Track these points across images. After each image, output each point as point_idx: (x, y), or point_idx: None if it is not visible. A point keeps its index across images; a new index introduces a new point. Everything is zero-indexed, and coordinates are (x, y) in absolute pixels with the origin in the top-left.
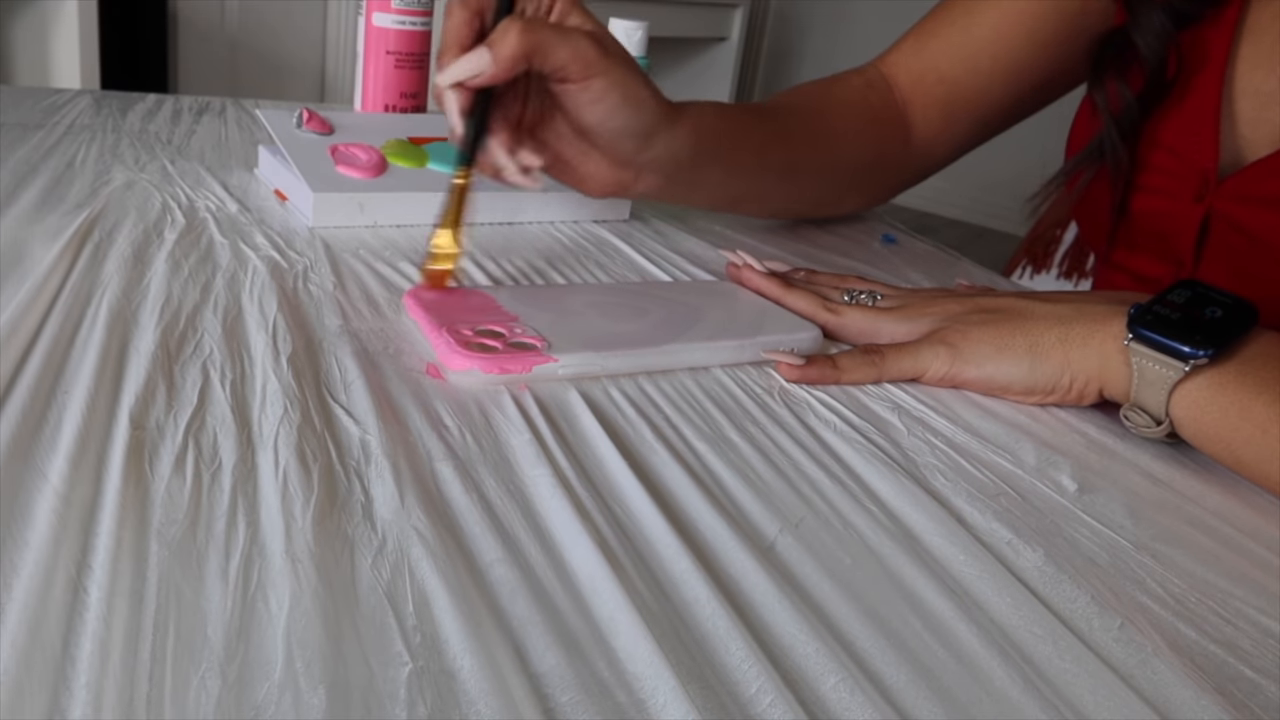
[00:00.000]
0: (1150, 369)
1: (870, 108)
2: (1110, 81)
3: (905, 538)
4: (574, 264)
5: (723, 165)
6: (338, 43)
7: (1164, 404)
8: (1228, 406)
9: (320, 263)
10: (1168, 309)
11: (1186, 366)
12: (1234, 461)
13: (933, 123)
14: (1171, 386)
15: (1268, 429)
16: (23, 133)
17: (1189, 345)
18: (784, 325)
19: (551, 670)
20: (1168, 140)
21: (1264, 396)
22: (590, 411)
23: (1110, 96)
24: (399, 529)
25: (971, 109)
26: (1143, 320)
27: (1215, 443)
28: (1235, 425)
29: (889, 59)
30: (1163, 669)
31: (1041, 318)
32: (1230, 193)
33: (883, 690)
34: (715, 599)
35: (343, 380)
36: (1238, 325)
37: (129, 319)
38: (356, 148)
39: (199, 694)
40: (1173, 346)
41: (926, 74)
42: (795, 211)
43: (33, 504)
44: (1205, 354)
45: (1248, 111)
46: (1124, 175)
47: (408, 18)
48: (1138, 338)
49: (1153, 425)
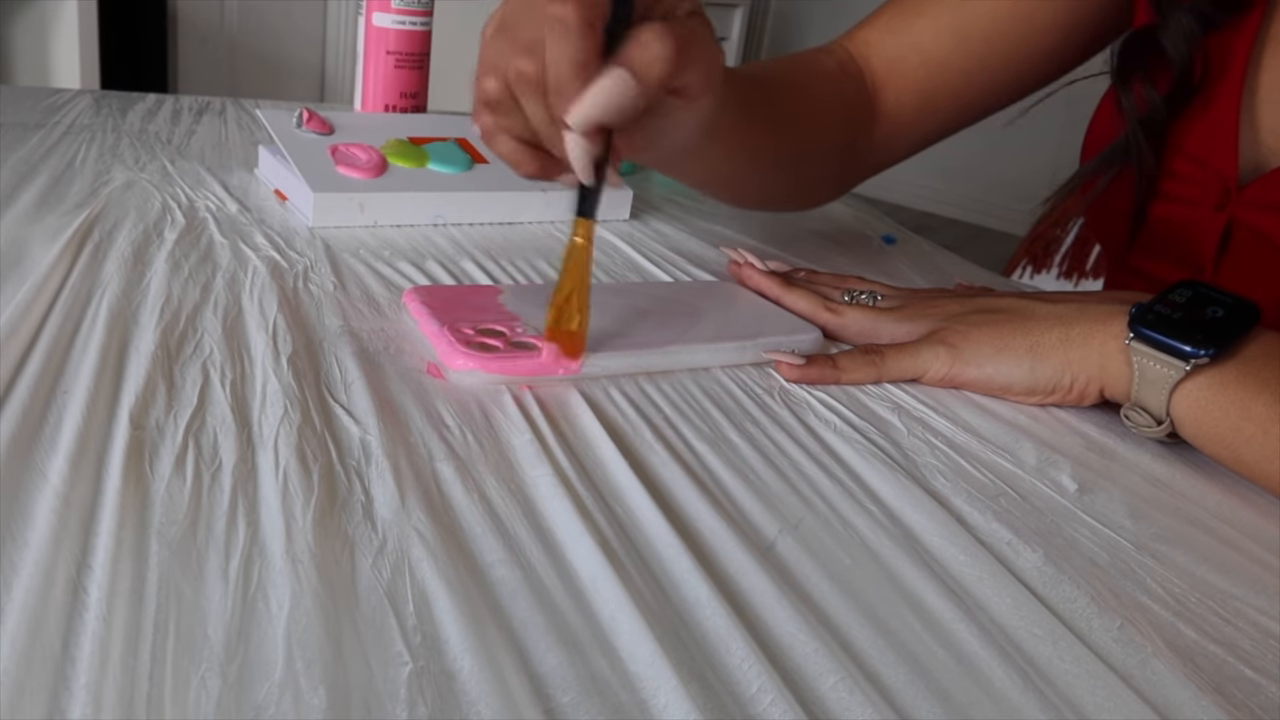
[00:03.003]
0: (1151, 368)
1: (843, 93)
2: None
3: (905, 538)
4: None
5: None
6: (338, 43)
7: (1165, 403)
8: (1229, 406)
9: (320, 263)
10: (1169, 308)
11: (1188, 366)
12: (1235, 461)
13: (905, 111)
14: (1173, 386)
15: (1268, 428)
16: (23, 132)
17: (1190, 344)
18: (784, 326)
19: (553, 671)
20: (1189, 147)
21: (1264, 396)
22: (591, 412)
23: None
24: (399, 529)
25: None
26: (1144, 320)
27: (1216, 442)
28: (1236, 425)
29: (860, 37)
30: (1163, 669)
31: (1042, 318)
32: (1251, 200)
33: (882, 690)
34: (715, 599)
35: (343, 380)
36: (1239, 325)
37: (129, 319)
38: (357, 148)
39: (199, 694)
40: (1174, 346)
41: (908, 55)
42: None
43: (32, 504)
44: (1206, 353)
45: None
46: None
47: (408, 18)
48: (1139, 337)
49: (1154, 425)
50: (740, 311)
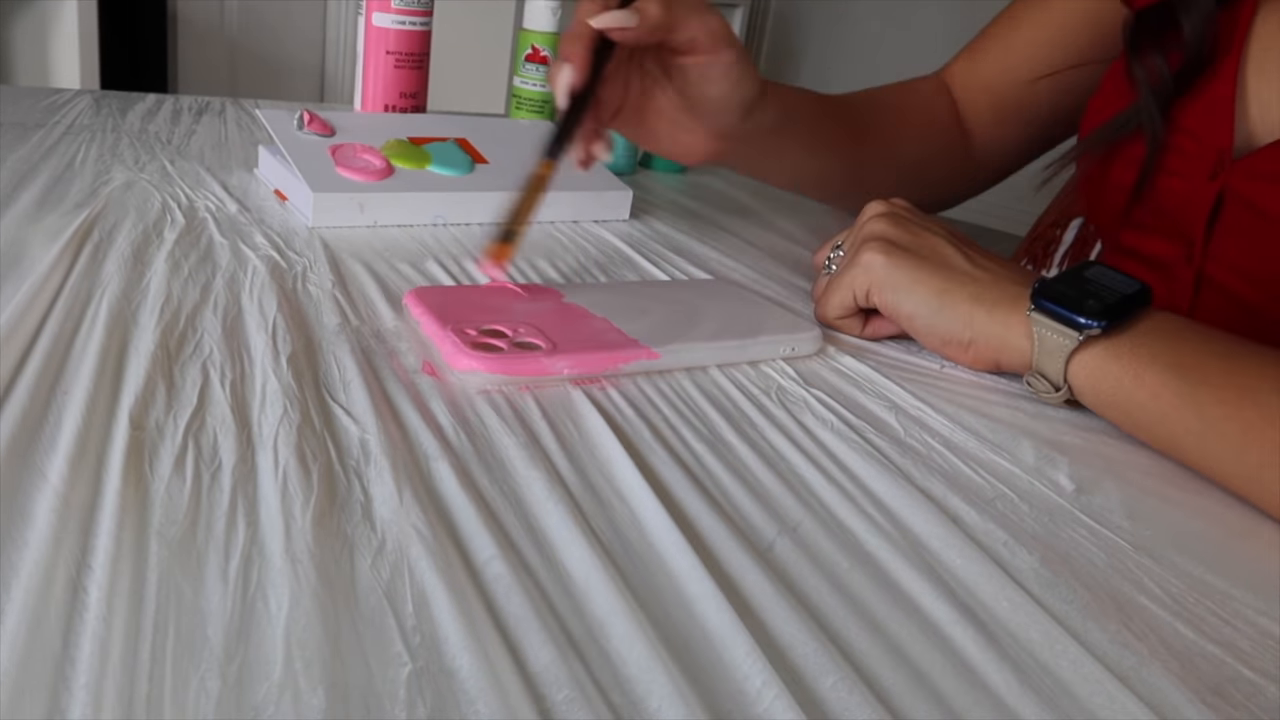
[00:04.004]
0: (1049, 338)
1: (933, 111)
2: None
3: (902, 539)
4: (575, 264)
5: (800, 144)
6: (337, 43)
7: (1062, 371)
8: (1122, 375)
9: (320, 263)
10: (1068, 285)
11: (1080, 336)
12: (1131, 425)
13: (986, 128)
14: (1068, 354)
15: (1159, 394)
16: (22, 132)
17: (1084, 316)
18: (783, 325)
19: (546, 669)
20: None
21: (1155, 366)
22: (589, 412)
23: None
24: (398, 529)
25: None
26: (1045, 293)
27: (1112, 408)
28: (1129, 393)
29: (948, 70)
30: (1160, 670)
31: (960, 272)
32: (1245, 171)
33: (880, 691)
34: (714, 599)
35: (342, 380)
36: (1134, 303)
37: (129, 319)
38: (360, 151)
39: (198, 694)
40: (1069, 317)
41: (973, 85)
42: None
43: (32, 504)
44: (1099, 325)
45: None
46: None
47: (408, 18)
48: (1039, 308)
49: (1052, 391)
50: (739, 310)
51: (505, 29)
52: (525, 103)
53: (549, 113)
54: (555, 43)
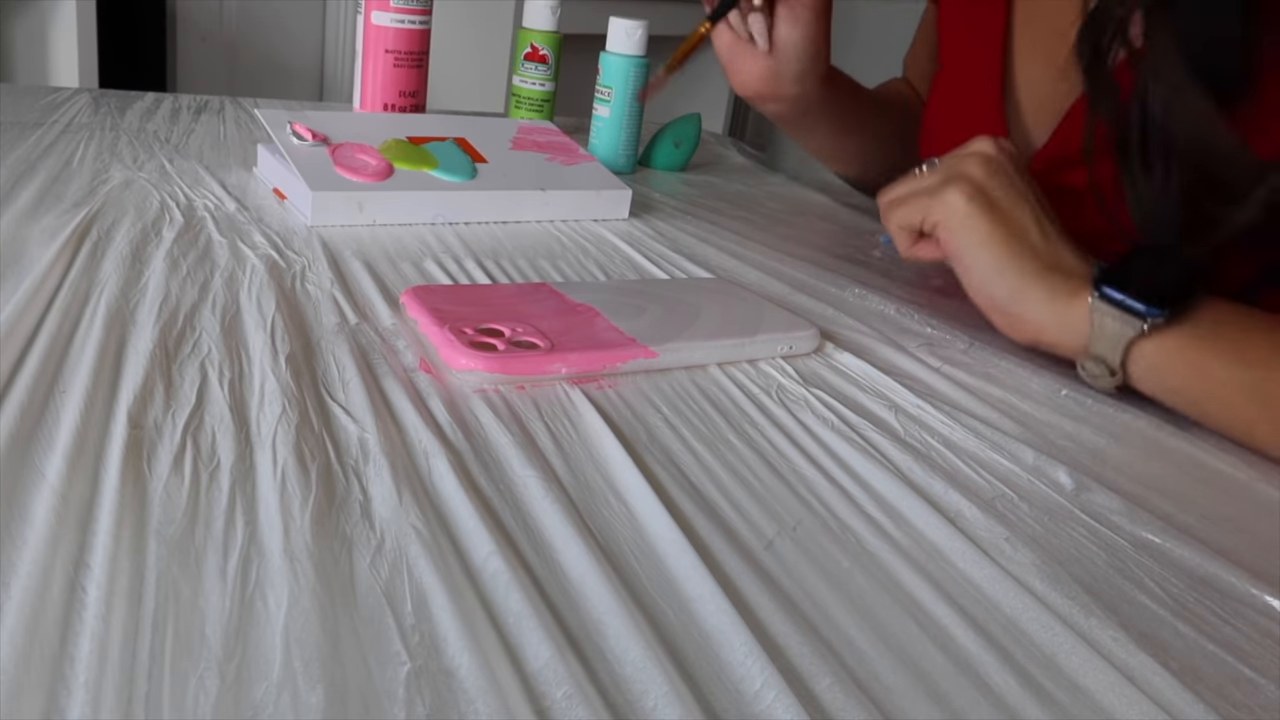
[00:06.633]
0: (1109, 325)
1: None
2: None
3: (902, 538)
4: (574, 263)
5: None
6: (337, 42)
7: (1120, 357)
8: (1187, 368)
9: (318, 262)
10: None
11: (1145, 325)
12: (1199, 413)
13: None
14: (1129, 342)
15: (1225, 384)
16: (21, 131)
17: (1145, 304)
18: (782, 324)
19: (544, 668)
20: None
21: (1221, 360)
22: (587, 411)
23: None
24: (397, 528)
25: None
26: (1108, 280)
27: (1175, 394)
28: (1196, 383)
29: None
30: (1161, 669)
31: (1030, 245)
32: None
33: (880, 691)
34: (712, 598)
35: (341, 379)
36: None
37: (127, 318)
38: (360, 151)
39: (197, 693)
40: (1132, 305)
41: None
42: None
43: (31, 503)
44: (1162, 314)
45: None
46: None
47: (407, 16)
48: (1102, 296)
49: (1108, 375)
50: (738, 309)
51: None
52: (525, 101)
53: (548, 112)
54: (555, 42)
